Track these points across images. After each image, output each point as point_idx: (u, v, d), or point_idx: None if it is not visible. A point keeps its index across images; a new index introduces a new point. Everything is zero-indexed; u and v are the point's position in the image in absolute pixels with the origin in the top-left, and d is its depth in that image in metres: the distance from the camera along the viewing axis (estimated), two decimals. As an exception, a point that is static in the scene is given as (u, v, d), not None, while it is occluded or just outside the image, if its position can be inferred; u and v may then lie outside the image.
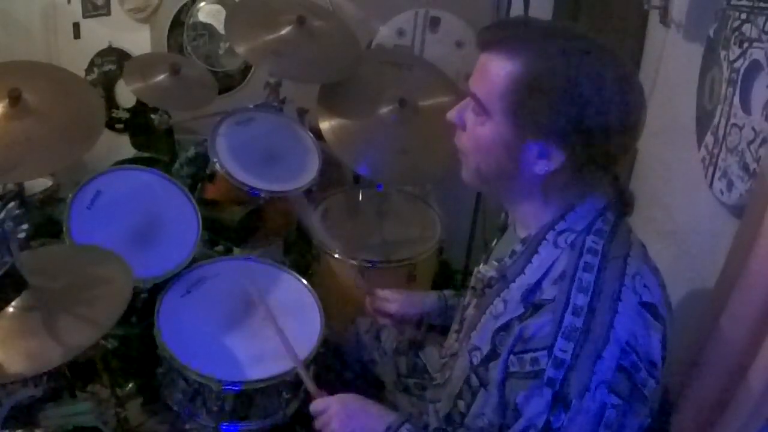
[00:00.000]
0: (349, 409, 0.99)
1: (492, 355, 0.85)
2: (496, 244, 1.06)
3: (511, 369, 0.81)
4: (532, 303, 0.82)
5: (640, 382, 0.77)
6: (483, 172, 0.88)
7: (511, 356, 0.81)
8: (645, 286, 0.81)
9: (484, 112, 0.84)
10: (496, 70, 0.81)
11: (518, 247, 0.90)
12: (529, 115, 0.79)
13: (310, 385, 1.11)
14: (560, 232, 0.85)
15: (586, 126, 0.77)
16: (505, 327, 0.84)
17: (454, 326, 1.09)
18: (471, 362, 0.90)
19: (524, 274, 0.86)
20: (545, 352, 0.76)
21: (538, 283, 0.83)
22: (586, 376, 0.75)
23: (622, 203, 0.88)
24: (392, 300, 1.27)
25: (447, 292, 1.28)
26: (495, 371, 0.83)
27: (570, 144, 0.79)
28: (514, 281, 0.87)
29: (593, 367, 0.75)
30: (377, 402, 1.02)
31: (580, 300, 0.78)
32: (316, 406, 1.03)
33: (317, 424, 1.01)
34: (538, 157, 0.82)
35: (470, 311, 1.00)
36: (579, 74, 0.76)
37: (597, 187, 0.86)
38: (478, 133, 0.86)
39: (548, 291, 0.81)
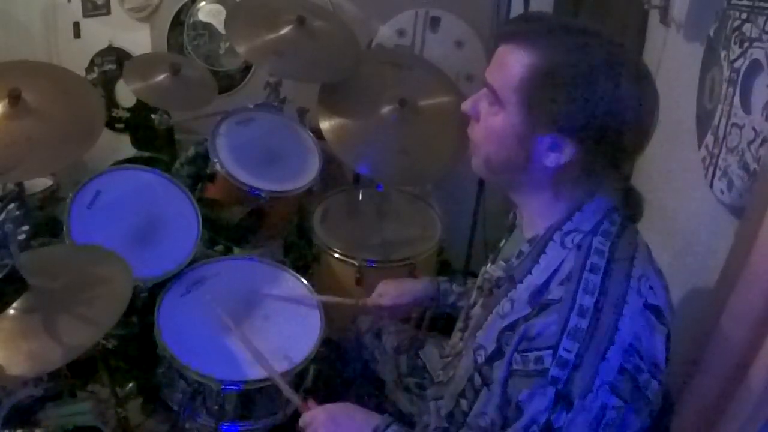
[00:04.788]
0: (334, 417, 1.00)
1: (497, 355, 0.85)
2: (504, 244, 1.05)
3: (515, 367, 0.81)
4: (539, 303, 0.82)
5: (642, 383, 0.77)
6: (493, 162, 0.88)
7: (515, 354, 0.81)
8: (650, 288, 0.81)
9: (497, 102, 0.84)
10: (513, 62, 0.81)
11: (525, 248, 0.90)
12: (543, 107, 0.79)
13: (294, 398, 1.11)
14: (567, 233, 0.85)
15: (600, 121, 0.77)
16: (512, 327, 0.84)
17: (459, 324, 1.09)
18: (475, 361, 0.90)
19: (531, 274, 0.86)
20: (550, 351, 0.76)
21: (546, 284, 0.83)
22: (589, 377, 0.75)
23: (631, 206, 0.88)
24: (383, 293, 1.29)
25: (441, 278, 1.30)
26: (499, 370, 0.83)
27: (582, 138, 0.79)
28: (521, 281, 0.87)
29: (597, 367, 0.75)
30: (376, 403, 1.03)
31: (586, 301, 0.78)
32: (303, 419, 1.03)
33: None
34: (549, 149, 0.81)
35: (476, 310, 0.99)
36: (597, 69, 0.76)
37: (606, 187, 0.86)
38: (490, 123, 0.86)
39: (555, 291, 0.81)
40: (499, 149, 0.86)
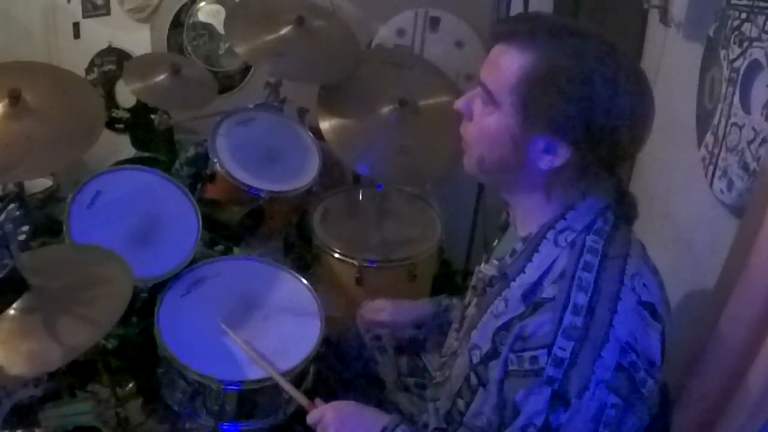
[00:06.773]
0: (343, 415, 1.00)
1: (492, 354, 0.85)
2: (497, 243, 1.05)
3: (510, 367, 0.81)
4: (532, 302, 0.82)
5: (639, 381, 0.77)
6: (486, 162, 0.88)
7: (511, 354, 0.81)
8: (644, 285, 0.81)
9: (492, 103, 0.83)
10: (509, 62, 0.81)
11: (518, 246, 0.90)
12: (538, 109, 0.79)
13: (300, 397, 1.11)
14: (560, 231, 0.85)
15: (596, 125, 0.77)
16: (506, 326, 0.84)
17: (455, 325, 1.09)
18: (471, 361, 0.90)
19: (525, 272, 0.86)
20: (545, 351, 0.77)
21: (539, 282, 0.83)
22: (585, 375, 0.75)
23: (625, 207, 0.88)
24: (381, 308, 1.29)
25: (442, 297, 1.28)
26: (495, 370, 0.83)
27: (577, 141, 0.79)
28: (514, 280, 0.87)
29: (593, 366, 0.75)
30: (376, 402, 1.03)
31: (581, 299, 0.78)
32: (311, 417, 1.03)
33: None
34: (544, 151, 0.81)
35: (471, 310, 1.00)
36: (594, 72, 0.76)
37: (598, 188, 0.86)
38: (484, 123, 0.85)
39: (548, 290, 0.81)
40: (492, 149, 0.86)
